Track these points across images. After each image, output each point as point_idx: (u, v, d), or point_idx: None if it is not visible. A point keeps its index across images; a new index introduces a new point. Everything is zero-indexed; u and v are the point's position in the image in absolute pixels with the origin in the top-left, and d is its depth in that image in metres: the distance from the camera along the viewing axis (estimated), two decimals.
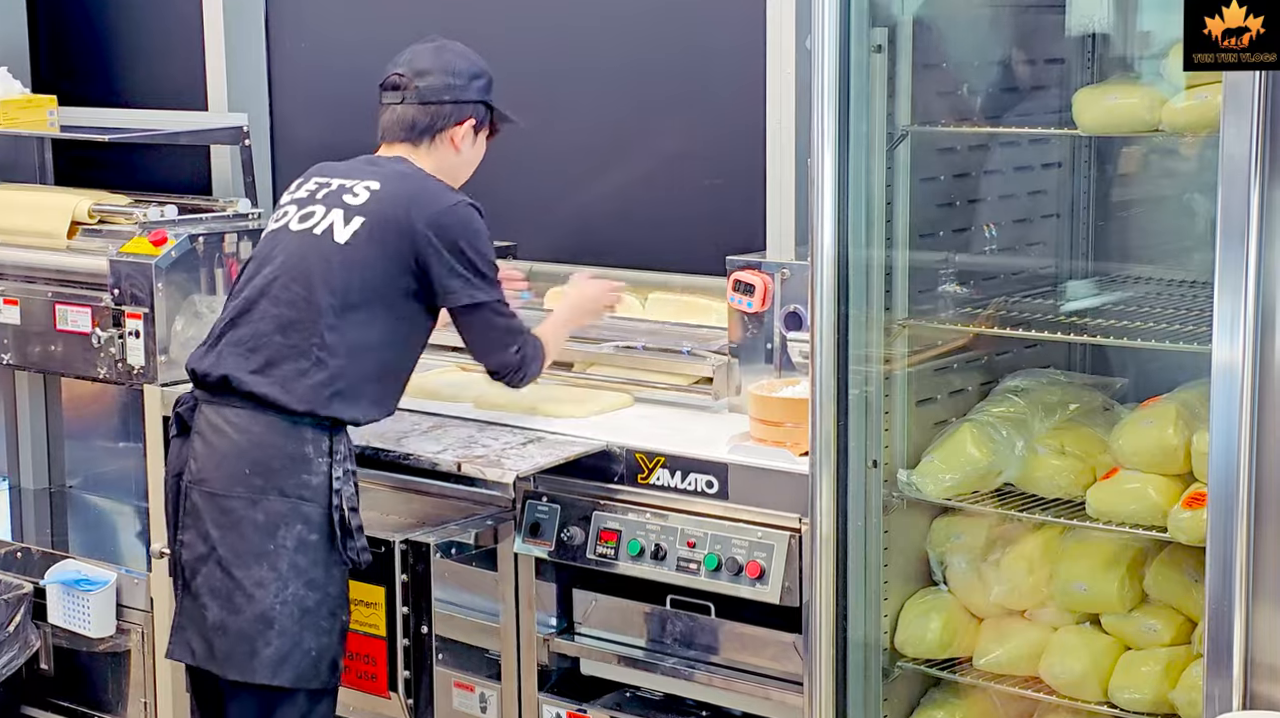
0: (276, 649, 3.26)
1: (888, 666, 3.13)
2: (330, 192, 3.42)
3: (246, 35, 4.90)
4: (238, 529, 3.27)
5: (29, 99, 4.84)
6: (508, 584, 3.58)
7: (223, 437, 3.30)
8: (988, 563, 3.10)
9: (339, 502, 3.29)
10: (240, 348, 3.33)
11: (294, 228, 3.40)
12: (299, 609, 3.27)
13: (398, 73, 3.48)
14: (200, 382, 3.38)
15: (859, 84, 2.93)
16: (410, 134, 3.47)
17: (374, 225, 3.34)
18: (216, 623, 3.29)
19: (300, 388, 3.27)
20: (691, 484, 3.34)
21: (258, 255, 3.44)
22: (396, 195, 3.36)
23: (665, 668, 3.43)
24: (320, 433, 3.30)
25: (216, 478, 3.29)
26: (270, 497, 3.27)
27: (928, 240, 3.15)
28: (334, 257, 3.32)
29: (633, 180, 4.28)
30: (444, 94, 3.47)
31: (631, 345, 3.88)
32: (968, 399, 3.24)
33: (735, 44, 4.02)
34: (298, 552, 3.27)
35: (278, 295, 3.33)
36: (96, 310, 4.25)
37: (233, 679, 3.30)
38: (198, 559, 3.31)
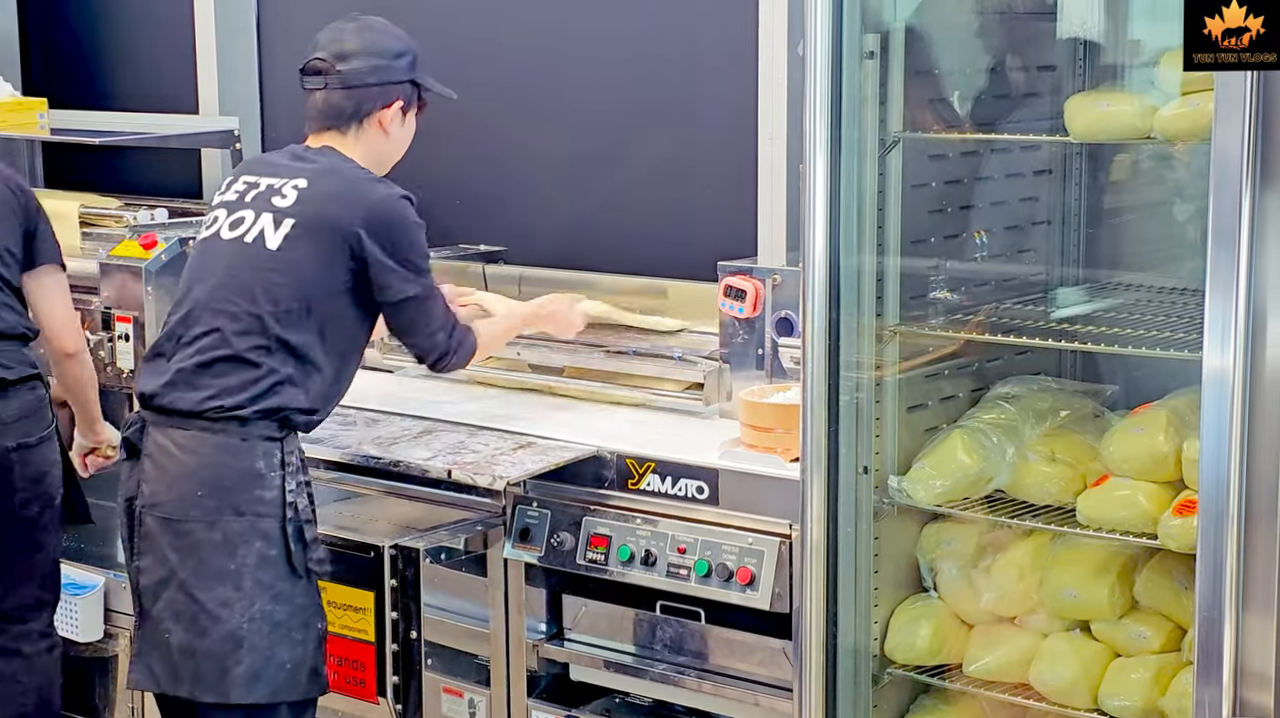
0: (248, 667, 3.20)
1: (877, 672, 3.13)
2: (259, 194, 3.32)
3: (238, 39, 4.89)
4: (197, 553, 3.20)
5: (19, 102, 4.84)
6: (497, 590, 3.57)
7: (172, 459, 3.22)
8: (978, 570, 3.10)
9: (293, 514, 3.21)
10: (184, 365, 3.24)
11: (225, 236, 3.31)
12: (268, 625, 3.21)
13: (319, 57, 3.35)
14: (147, 402, 3.29)
15: (851, 90, 2.92)
16: (337, 121, 3.36)
17: (305, 227, 3.25)
18: (183, 646, 3.22)
19: (245, 395, 3.20)
20: (682, 490, 3.33)
21: (193, 266, 3.35)
22: (325, 194, 3.28)
23: (655, 674, 3.43)
24: (271, 445, 3.22)
25: (169, 501, 3.22)
26: (226, 516, 3.19)
27: (919, 247, 3.15)
28: (268, 264, 3.24)
29: (624, 186, 4.27)
30: (369, 76, 3.34)
31: (622, 351, 3.88)
32: (958, 406, 3.24)
33: (727, 50, 4.02)
34: (260, 568, 3.20)
35: (218, 309, 3.24)
36: (86, 314, 4.23)
37: (207, 702, 3.24)
38: (158, 584, 3.24)
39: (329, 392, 3.32)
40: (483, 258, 4.43)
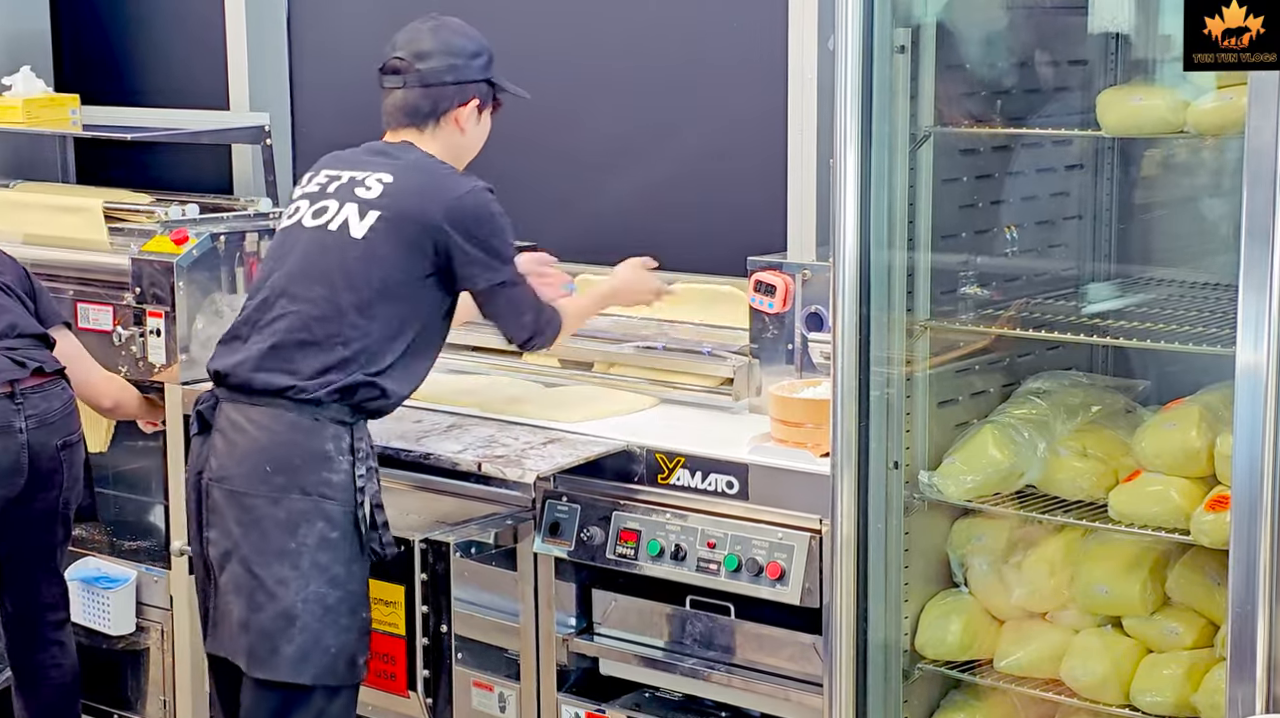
0: (299, 647, 3.26)
1: (908, 667, 3.12)
2: (341, 185, 3.40)
3: (268, 35, 4.91)
4: (259, 527, 3.28)
5: (51, 98, 4.86)
6: (527, 584, 3.58)
7: (244, 434, 3.31)
8: (1009, 565, 3.09)
9: (363, 499, 3.29)
10: (262, 346, 3.33)
11: (308, 224, 3.39)
12: (320, 607, 3.27)
13: (397, 56, 3.44)
14: (221, 380, 3.38)
15: (881, 85, 2.92)
16: (414, 119, 3.44)
17: (390, 219, 3.33)
18: (240, 619, 3.30)
19: (320, 378, 3.28)
20: (712, 485, 3.33)
21: (274, 253, 3.44)
22: (410, 188, 3.36)
23: (684, 669, 3.43)
24: (341, 430, 3.30)
25: (238, 476, 3.30)
26: (291, 495, 3.27)
27: (950, 242, 3.14)
28: (351, 252, 3.32)
29: (654, 180, 4.27)
30: (446, 75, 3.43)
31: (652, 346, 3.88)
32: (989, 401, 3.23)
33: (756, 45, 4.02)
34: (319, 550, 3.27)
35: (298, 293, 3.33)
36: (118, 309, 4.26)
37: (256, 676, 3.30)
38: (223, 556, 3.33)
39: (402, 381, 3.39)
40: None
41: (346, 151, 3.52)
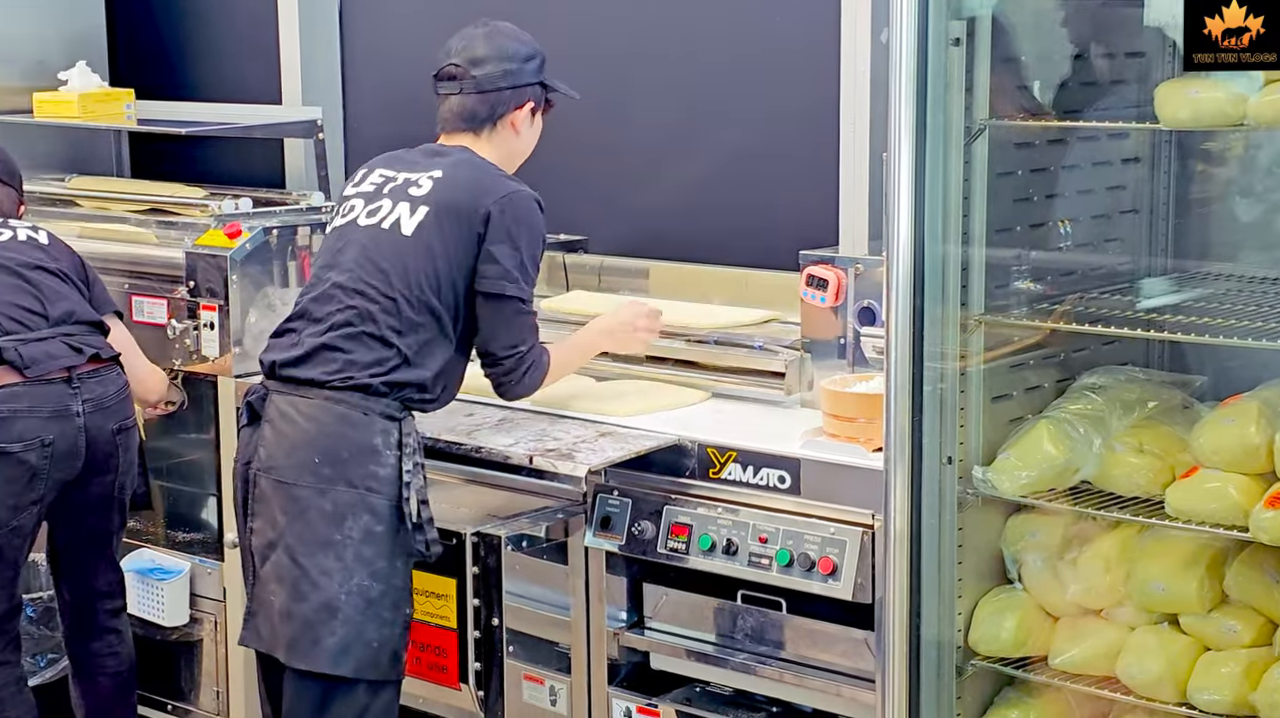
0: (340, 639, 3.28)
1: (961, 664, 3.11)
2: (396, 186, 3.44)
3: (320, 30, 4.93)
4: (305, 518, 3.30)
5: (107, 93, 4.90)
6: (578, 578, 3.58)
7: (293, 425, 3.33)
8: (1064, 562, 3.07)
9: (409, 494, 3.30)
10: (316, 340, 3.35)
11: (363, 223, 3.43)
12: (363, 600, 3.28)
13: (453, 63, 3.47)
14: (273, 372, 3.40)
15: (936, 78, 2.90)
16: (471, 124, 3.48)
17: (438, 212, 3.36)
18: (283, 609, 3.32)
19: (372, 371, 3.30)
20: (763, 479, 3.33)
21: (328, 250, 3.46)
22: (458, 182, 3.39)
23: (736, 663, 3.42)
24: (390, 424, 3.32)
25: (286, 466, 3.32)
26: (338, 486, 3.29)
27: (1004, 236, 3.12)
28: (404, 248, 3.35)
29: (705, 174, 4.27)
30: (501, 81, 3.47)
31: (704, 340, 3.87)
32: (1044, 396, 3.21)
33: (809, 38, 4.00)
34: (364, 543, 3.28)
35: (353, 289, 3.36)
36: (172, 302, 4.28)
37: (296, 667, 3.32)
38: (266, 546, 3.34)
39: (452, 376, 3.42)
40: (563, 247, 4.44)
41: (401, 152, 3.55)
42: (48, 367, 3.78)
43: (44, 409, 3.77)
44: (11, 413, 3.74)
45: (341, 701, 3.31)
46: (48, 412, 3.77)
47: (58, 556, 4.03)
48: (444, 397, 3.45)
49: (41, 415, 3.77)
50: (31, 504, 3.81)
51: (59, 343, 3.83)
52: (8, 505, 3.77)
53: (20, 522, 3.81)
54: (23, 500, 3.79)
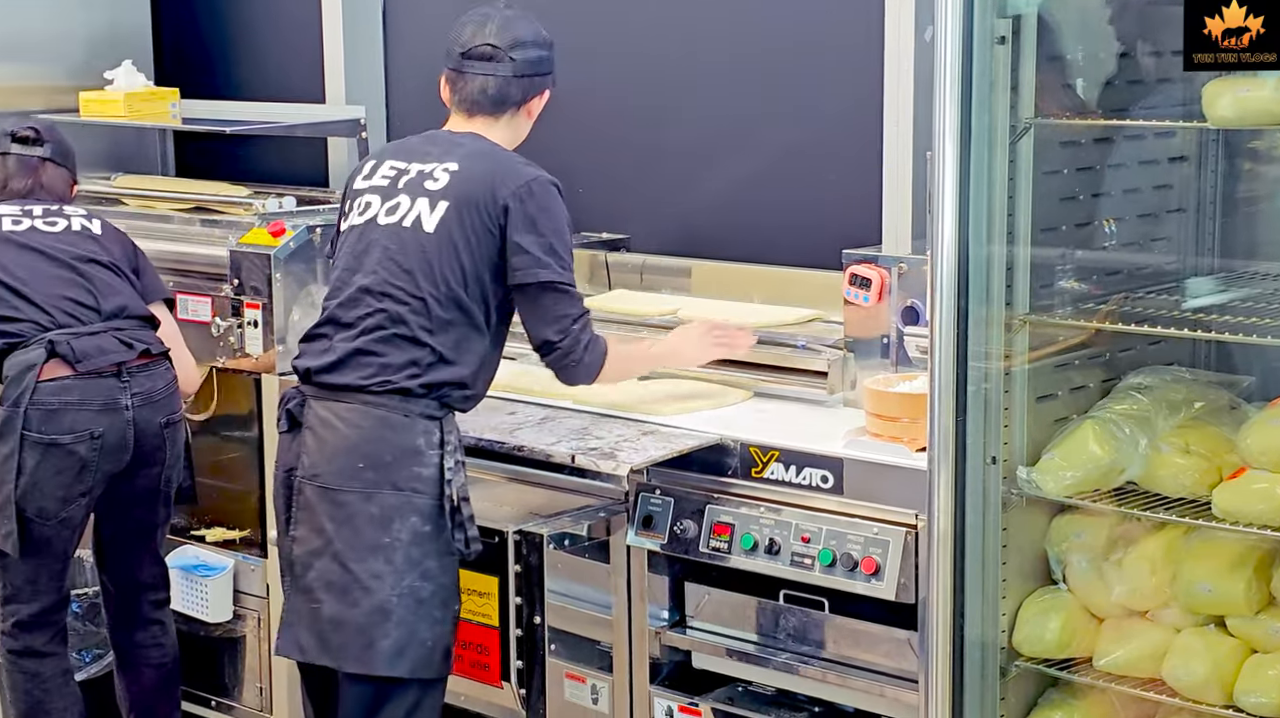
0: (394, 641, 3.28)
1: (1005, 664, 3.09)
2: (410, 179, 3.40)
3: (364, 29, 4.95)
4: (352, 523, 3.29)
5: (152, 92, 4.94)
6: (620, 577, 3.58)
7: (334, 431, 3.32)
8: (1109, 563, 3.05)
9: (450, 492, 3.31)
10: (349, 345, 3.34)
11: (382, 221, 3.38)
12: (414, 601, 3.29)
13: (490, 43, 3.41)
14: (308, 378, 3.39)
15: (981, 77, 2.88)
16: (500, 107, 3.44)
17: (458, 206, 3.33)
18: (332, 617, 3.31)
19: (408, 372, 3.30)
20: (806, 479, 3.32)
21: (351, 252, 3.41)
22: (476, 174, 3.35)
23: (778, 663, 3.42)
24: (431, 424, 3.32)
25: (329, 472, 3.32)
26: (384, 490, 3.29)
27: (1049, 235, 3.10)
28: (427, 246, 3.32)
29: (748, 173, 4.26)
30: (539, 66, 3.45)
31: None
32: (1089, 396, 3.19)
33: (852, 35, 3.99)
34: (412, 544, 3.29)
35: (380, 291, 3.33)
36: (216, 300, 4.31)
37: (351, 672, 3.32)
38: (311, 554, 3.34)
39: (489, 370, 3.41)
40: (606, 246, 4.44)
41: (409, 141, 3.52)
42: (99, 361, 3.82)
43: (94, 402, 3.81)
44: (62, 405, 3.79)
45: (396, 700, 3.32)
46: (98, 405, 3.82)
47: (103, 547, 4.07)
48: (483, 391, 3.44)
49: (92, 409, 3.81)
50: (80, 496, 3.85)
51: (110, 338, 3.86)
52: (57, 497, 3.81)
53: (69, 513, 3.85)
54: (72, 492, 3.83)
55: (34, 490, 3.79)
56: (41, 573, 3.91)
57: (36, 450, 3.78)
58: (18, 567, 3.89)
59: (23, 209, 3.99)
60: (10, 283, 3.87)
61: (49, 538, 3.85)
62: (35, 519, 3.81)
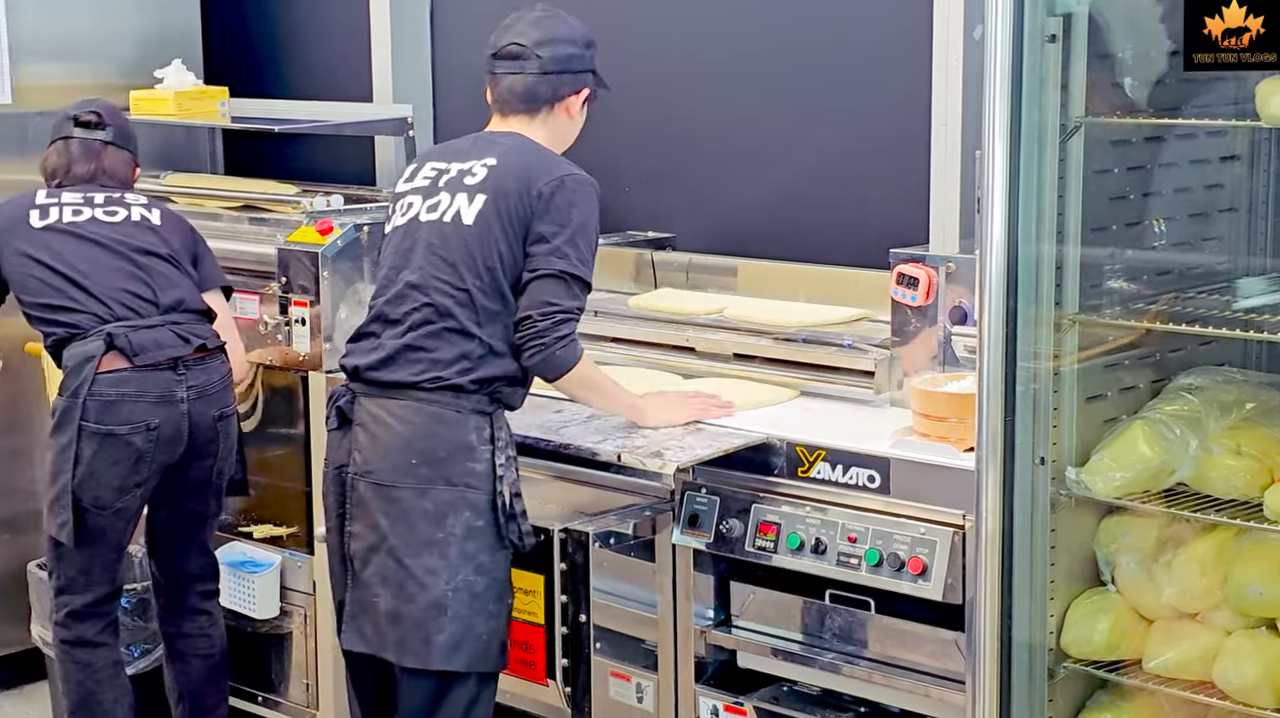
0: (450, 635, 3.30)
1: (1053, 666, 3.08)
2: (451, 178, 3.42)
3: (411, 28, 4.97)
4: (406, 519, 3.31)
5: (201, 90, 4.97)
6: (665, 575, 3.58)
7: (386, 428, 3.34)
8: (1158, 564, 3.03)
9: (502, 488, 3.32)
10: (397, 342, 3.35)
11: (424, 218, 3.40)
12: (469, 595, 3.31)
13: (516, 43, 3.44)
14: (358, 376, 3.41)
15: (1031, 75, 2.87)
16: (531, 105, 3.45)
17: (496, 198, 3.34)
18: (390, 611, 3.33)
19: (458, 367, 3.31)
20: (853, 478, 3.31)
21: (395, 251, 3.43)
22: (513, 167, 3.37)
23: (824, 663, 3.41)
24: (482, 420, 3.33)
25: (383, 469, 3.33)
26: (437, 486, 3.30)
27: (1099, 235, 3.08)
28: (468, 238, 3.34)
29: (794, 171, 4.25)
30: (566, 64, 3.45)
31: (792, 338, 3.86)
32: (1138, 397, 3.17)
33: (900, 34, 3.98)
34: (466, 539, 3.31)
35: (426, 287, 3.35)
36: (264, 298, 4.33)
37: (408, 666, 3.34)
38: (368, 549, 3.36)
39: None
40: (651, 244, 4.44)
41: (452, 142, 3.54)
42: (155, 355, 3.87)
43: (150, 395, 3.86)
44: (120, 397, 3.83)
45: (455, 694, 3.35)
46: (154, 397, 3.86)
47: (154, 538, 4.12)
48: (527, 388, 3.45)
49: (148, 400, 3.85)
50: (135, 487, 3.89)
51: (167, 331, 3.91)
52: (113, 487, 3.86)
53: (124, 504, 3.89)
54: (127, 483, 3.87)
55: (90, 480, 3.84)
56: (95, 564, 3.95)
57: (94, 441, 3.82)
58: (72, 557, 3.93)
59: (84, 197, 4.03)
60: (70, 275, 3.92)
61: (104, 528, 3.90)
62: (91, 509, 3.86)
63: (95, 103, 4.17)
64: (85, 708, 4.00)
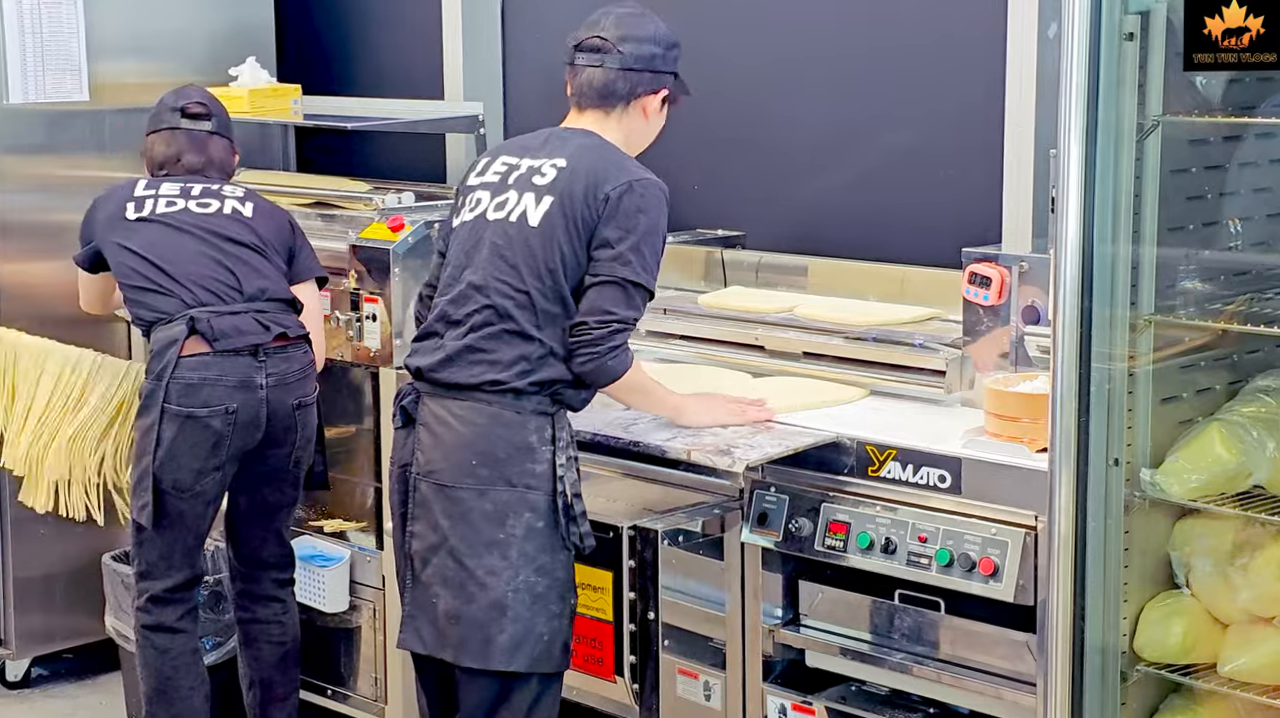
0: (511, 636, 3.31)
1: (1126, 669, 3.05)
2: (520, 175, 3.42)
3: (483, 26, 4.99)
4: (467, 519, 3.32)
5: (275, 88, 5.01)
6: (734, 574, 3.58)
7: (448, 428, 3.35)
8: (1234, 567, 3.00)
9: (563, 488, 3.32)
10: (459, 343, 3.36)
11: (491, 217, 3.40)
12: (530, 596, 3.31)
13: (599, 36, 3.43)
14: (421, 376, 3.42)
15: (1108, 74, 2.85)
16: (607, 101, 3.44)
17: (563, 200, 3.33)
18: (450, 612, 3.34)
19: (518, 368, 3.31)
20: (923, 478, 3.30)
21: (461, 249, 3.44)
22: (582, 169, 3.35)
23: (892, 663, 3.40)
24: (543, 420, 3.34)
25: (444, 469, 3.34)
26: (498, 487, 3.31)
27: (1175, 234, 3.05)
28: (532, 240, 3.34)
29: (865, 170, 4.24)
30: (646, 62, 3.43)
31: (862, 337, 3.85)
32: (1214, 398, 3.14)
33: (973, 32, 3.96)
34: (526, 539, 3.31)
35: (489, 287, 3.35)
36: (336, 294, 4.36)
37: (468, 667, 3.35)
38: (428, 549, 3.37)
39: None
40: (721, 243, 4.44)
41: (524, 138, 3.54)
42: (236, 341, 3.92)
43: (230, 379, 3.91)
44: (201, 380, 3.89)
45: (517, 694, 3.35)
46: (233, 381, 3.92)
47: (233, 524, 4.18)
48: (592, 390, 3.44)
49: (228, 385, 3.91)
50: (214, 470, 3.94)
51: (250, 318, 3.96)
52: (192, 469, 3.91)
53: (202, 487, 3.94)
54: (206, 465, 3.92)
55: (171, 462, 3.90)
56: (175, 548, 4.01)
57: (175, 423, 3.88)
58: (153, 542, 4.00)
59: (182, 189, 4.10)
60: (158, 262, 4.00)
61: (183, 512, 3.96)
62: (170, 492, 3.92)
63: (195, 91, 4.26)
64: (163, 694, 4.05)
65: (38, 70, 4.78)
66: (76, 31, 4.84)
